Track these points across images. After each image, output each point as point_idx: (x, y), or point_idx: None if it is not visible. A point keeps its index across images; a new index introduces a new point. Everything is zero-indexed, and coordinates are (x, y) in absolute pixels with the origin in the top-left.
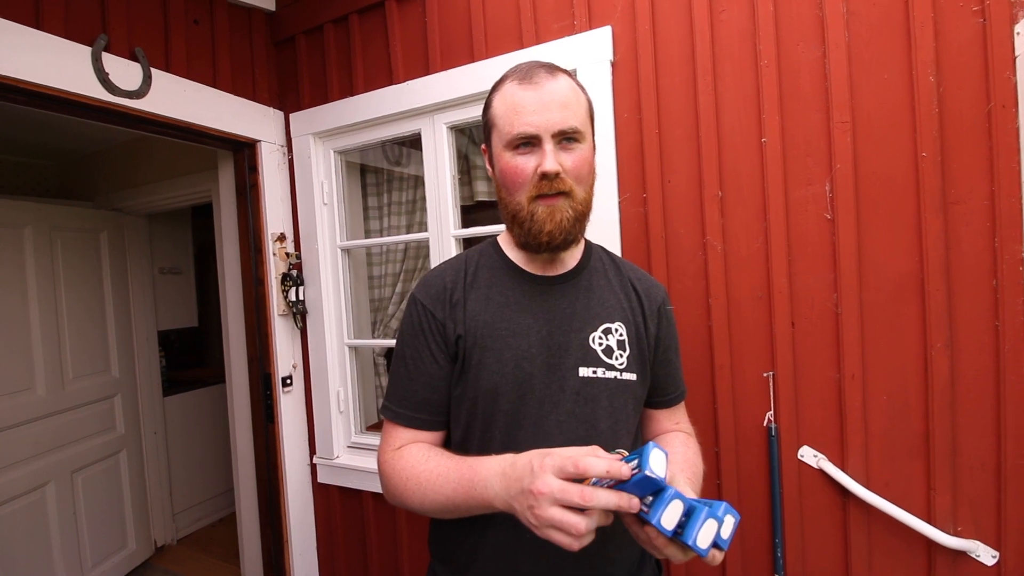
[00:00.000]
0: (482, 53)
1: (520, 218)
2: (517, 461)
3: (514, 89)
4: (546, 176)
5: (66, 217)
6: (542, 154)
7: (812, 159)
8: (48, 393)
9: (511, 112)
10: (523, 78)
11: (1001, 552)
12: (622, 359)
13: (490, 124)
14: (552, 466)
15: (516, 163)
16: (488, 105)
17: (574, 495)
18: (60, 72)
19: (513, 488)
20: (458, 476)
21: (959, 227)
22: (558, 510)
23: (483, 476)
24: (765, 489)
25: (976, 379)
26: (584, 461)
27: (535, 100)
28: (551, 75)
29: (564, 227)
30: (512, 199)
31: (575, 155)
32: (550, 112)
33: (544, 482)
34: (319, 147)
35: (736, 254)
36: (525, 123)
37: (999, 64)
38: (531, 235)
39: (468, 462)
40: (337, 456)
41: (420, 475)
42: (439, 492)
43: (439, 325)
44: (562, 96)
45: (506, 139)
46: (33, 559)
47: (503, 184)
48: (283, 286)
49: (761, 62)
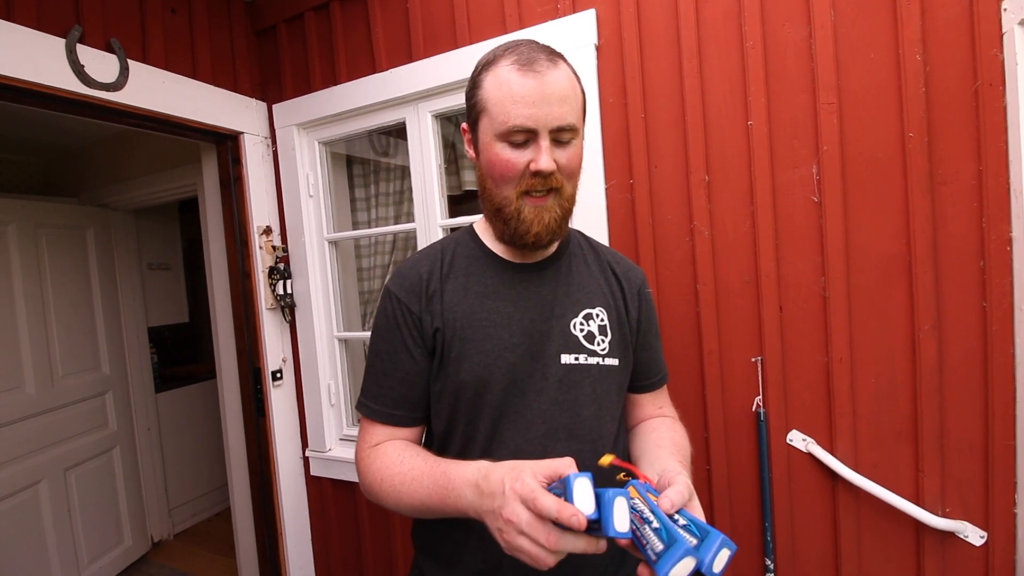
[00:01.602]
0: (465, 39)
1: (506, 214)
2: (491, 475)
3: (512, 74)
4: (539, 174)
5: (51, 214)
6: (537, 150)
7: (799, 141)
8: (38, 391)
9: (507, 100)
10: (524, 64)
11: (989, 532)
12: (604, 344)
13: (479, 107)
14: (521, 494)
15: (507, 156)
16: (477, 84)
17: (540, 535)
18: (34, 65)
19: (485, 504)
20: (432, 482)
21: (946, 208)
22: (526, 541)
23: (456, 485)
24: (754, 474)
25: (963, 361)
26: (542, 502)
27: (535, 91)
28: (552, 63)
29: (552, 228)
30: (498, 192)
31: (569, 151)
32: (550, 106)
33: (513, 511)
34: (303, 138)
35: (723, 239)
36: (523, 116)
37: (986, 41)
38: (517, 234)
39: (442, 468)
40: (329, 449)
41: (395, 477)
42: (413, 496)
43: (415, 319)
44: (562, 89)
45: (499, 129)
46: (28, 556)
47: (489, 175)
48: (270, 279)
49: (747, 43)
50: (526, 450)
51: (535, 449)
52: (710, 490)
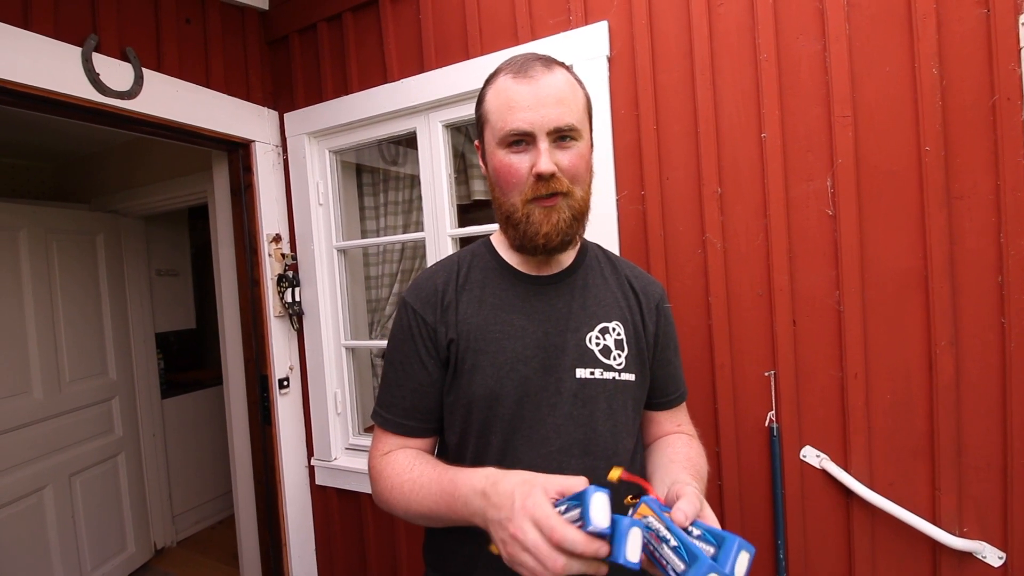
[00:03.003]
0: (477, 50)
1: (515, 220)
2: (500, 484)
3: (508, 83)
4: (541, 177)
5: (62, 220)
6: (536, 153)
7: (813, 154)
8: (45, 396)
9: (504, 107)
10: (518, 71)
11: (1008, 553)
12: (620, 359)
13: (483, 119)
14: (532, 515)
15: (509, 162)
16: (481, 99)
17: (546, 560)
18: (50, 73)
19: (491, 513)
20: (439, 489)
21: (963, 222)
22: (530, 559)
23: (463, 492)
24: (767, 490)
25: (981, 377)
26: (562, 533)
27: (530, 95)
28: (547, 68)
29: (561, 228)
30: (506, 200)
31: (571, 153)
32: (545, 108)
33: (520, 527)
34: (314, 147)
35: (736, 251)
36: (519, 119)
37: (1003, 56)
38: (527, 238)
39: (450, 475)
40: (335, 458)
41: (404, 484)
42: (421, 503)
43: (430, 330)
44: (558, 91)
45: (499, 136)
46: (32, 563)
47: (496, 183)
48: (279, 287)
49: (760, 56)
50: (540, 465)
51: (550, 464)
52: (722, 506)
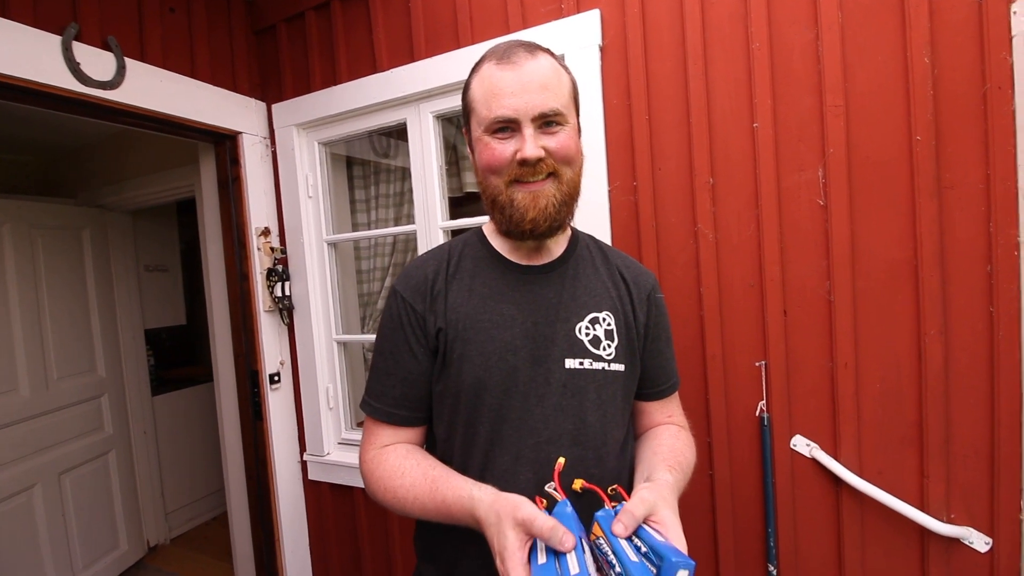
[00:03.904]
0: (468, 39)
1: (500, 203)
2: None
3: (492, 70)
4: (526, 163)
5: (46, 215)
6: (521, 139)
7: (805, 144)
8: (32, 394)
9: (489, 94)
10: (501, 58)
11: (994, 538)
12: (610, 349)
13: (469, 107)
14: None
15: (494, 147)
16: (467, 88)
17: None
18: (29, 62)
19: (483, 531)
20: (434, 507)
21: (954, 212)
22: None
23: (456, 516)
24: (758, 479)
25: (970, 366)
26: None
27: (514, 81)
28: (531, 54)
29: (549, 213)
30: (489, 183)
31: (559, 137)
32: (529, 94)
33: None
34: (303, 138)
35: (728, 242)
36: (503, 106)
37: (995, 44)
38: (513, 222)
39: (441, 494)
40: (327, 453)
41: (397, 490)
42: (417, 513)
43: (419, 318)
44: (542, 77)
45: (484, 123)
46: (22, 562)
47: (481, 169)
48: (268, 281)
49: (753, 45)
50: (528, 456)
51: (538, 455)
52: (713, 495)
